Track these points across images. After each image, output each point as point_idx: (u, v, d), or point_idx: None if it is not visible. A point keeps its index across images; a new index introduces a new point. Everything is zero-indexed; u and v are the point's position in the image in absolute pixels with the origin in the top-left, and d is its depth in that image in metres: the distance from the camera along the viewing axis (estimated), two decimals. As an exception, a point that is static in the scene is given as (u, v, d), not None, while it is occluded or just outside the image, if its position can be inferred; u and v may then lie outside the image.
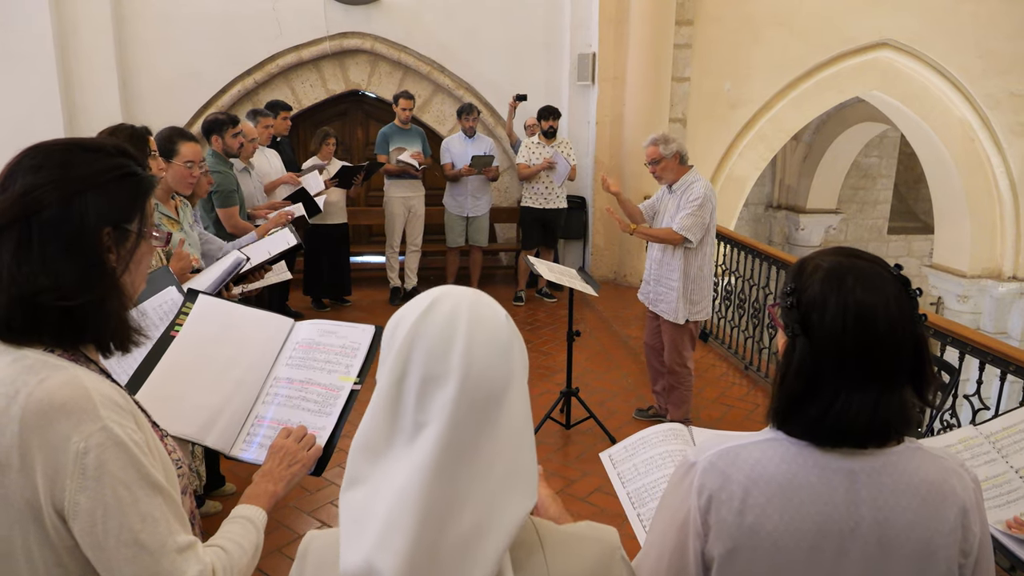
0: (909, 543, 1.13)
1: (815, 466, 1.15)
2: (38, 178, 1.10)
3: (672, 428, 1.98)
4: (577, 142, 7.94)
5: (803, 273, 1.19)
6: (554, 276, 4.38)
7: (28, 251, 1.07)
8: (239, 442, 1.57)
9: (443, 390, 0.84)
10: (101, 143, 1.20)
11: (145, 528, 1.06)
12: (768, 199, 12.38)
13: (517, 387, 0.87)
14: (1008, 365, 3.32)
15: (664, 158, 4.26)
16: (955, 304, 9.41)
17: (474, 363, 0.85)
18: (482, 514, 0.83)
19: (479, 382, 0.84)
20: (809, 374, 1.14)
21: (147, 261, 1.25)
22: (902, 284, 1.16)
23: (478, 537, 0.82)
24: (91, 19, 7.17)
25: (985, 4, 8.36)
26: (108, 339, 1.16)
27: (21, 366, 1.07)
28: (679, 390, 4.48)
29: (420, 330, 0.87)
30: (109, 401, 1.08)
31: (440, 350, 0.85)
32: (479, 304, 0.89)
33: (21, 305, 1.07)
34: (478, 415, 0.84)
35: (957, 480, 1.16)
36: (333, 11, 7.64)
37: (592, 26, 7.74)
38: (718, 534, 1.16)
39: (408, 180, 6.95)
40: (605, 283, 7.76)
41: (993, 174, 8.91)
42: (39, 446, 1.03)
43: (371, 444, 0.87)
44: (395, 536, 0.81)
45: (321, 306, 6.98)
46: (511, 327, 0.89)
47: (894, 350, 1.12)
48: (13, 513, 1.05)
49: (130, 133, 2.79)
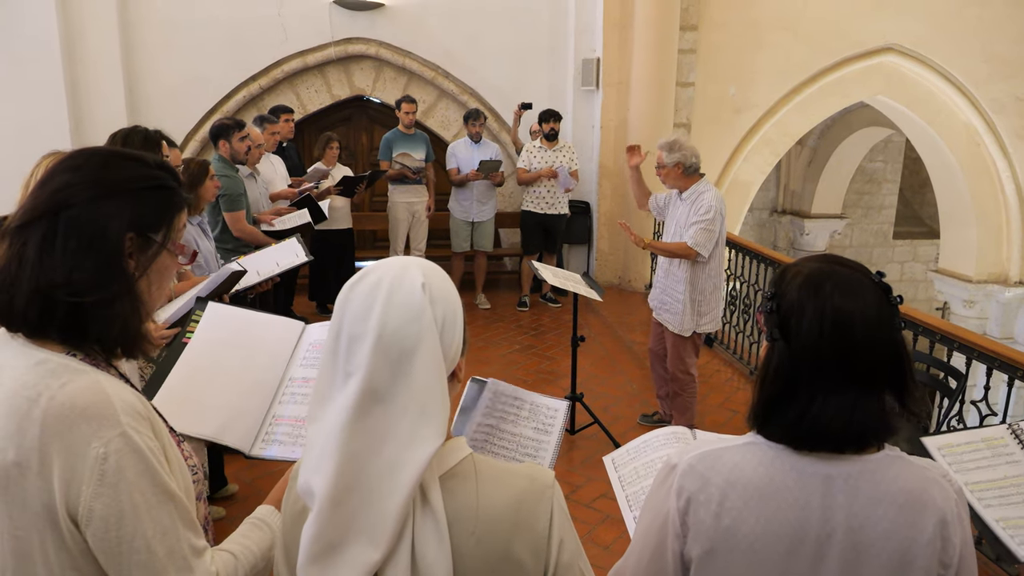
0: (885, 551, 1.13)
1: (792, 470, 1.16)
2: (75, 177, 1.13)
3: (675, 432, 1.97)
4: (581, 147, 7.95)
5: (784, 279, 1.21)
6: (558, 281, 4.37)
7: (52, 245, 1.10)
8: (258, 441, 1.61)
9: (362, 346, 0.99)
10: (142, 155, 1.23)
11: (157, 535, 1.07)
12: (773, 204, 12.36)
13: (427, 346, 0.99)
14: (1015, 370, 3.30)
15: (665, 166, 4.22)
16: (961, 309, 9.38)
17: (387, 324, 0.99)
18: (398, 450, 0.97)
19: (391, 341, 0.98)
20: (787, 378, 1.15)
21: (170, 275, 1.26)
22: (883, 291, 1.17)
23: (394, 469, 0.97)
24: (97, 24, 7.20)
25: (990, 8, 8.35)
26: (113, 341, 1.15)
27: (44, 369, 1.08)
28: (683, 397, 4.46)
29: (350, 296, 1.03)
30: (129, 407, 1.09)
31: (362, 313, 1.00)
32: (401, 277, 1.03)
33: (38, 297, 1.09)
34: (392, 368, 0.98)
35: (938, 490, 1.16)
36: (338, 17, 7.66)
37: (596, 31, 7.75)
38: (696, 536, 1.18)
39: (412, 185, 6.96)
40: (610, 288, 7.75)
41: (999, 178, 8.89)
42: (59, 450, 1.04)
43: (320, 389, 1.03)
44: (325, 462, 0.97)
45: (326, 311, 6.98)
46: (426, 296, 1.01)
47: (871, 356, 1.13)
48: (31, 515, 1.06)
49: (144, 136, 2.80)
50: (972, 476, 1.62)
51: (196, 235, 3.77)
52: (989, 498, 1.58)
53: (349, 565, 0.97)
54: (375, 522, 0.97)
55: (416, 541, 0.98)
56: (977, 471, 1.62)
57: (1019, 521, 1.56)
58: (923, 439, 1.66)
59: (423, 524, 0.99)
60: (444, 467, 1.04)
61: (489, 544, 1.02)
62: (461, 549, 1.00)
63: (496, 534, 1.02)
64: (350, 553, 0.97)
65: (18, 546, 1.08)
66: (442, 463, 1.03)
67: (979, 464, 1.64)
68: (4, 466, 1.05)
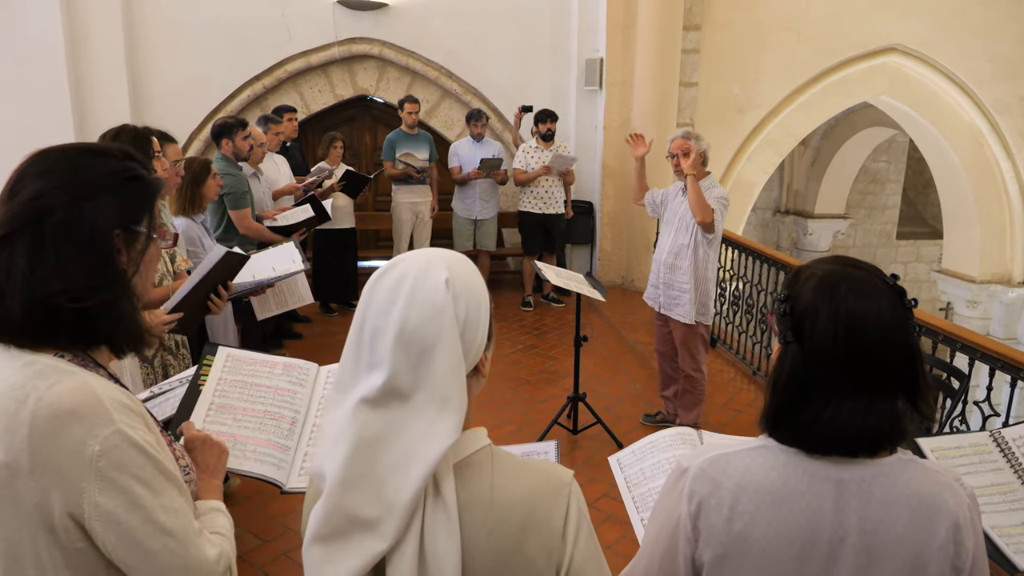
0: (898, 555, 1.13)
1: (804, 474, 1.15)
2: (48, 182, 1.11)
3: (681, 432, 1.97)
4: (584, 147, 7.95)
5: (797, 281, 1.20)
6: (561, 281, 4.37)
7: (41, 254, 1.08)
8: (293, 475, 1.66)
9: (385, 339, 0.99)
10: (107, 148, 1.22)
11: (169, 518, 1.09)
12: (776, 204, 12.35)
13: (447, 343, 0.99)
14: (1018, 371, 3.29)
15: (692, 152, 4.24)
16: (965, 310, 9.36)
17: (409, 319, 0.99)
18: (412, 444, 0.98)
19: (412, 336, 0.99)
20: (800, 382, 1.14)
21: (155, 264, 1.26)
22: (897, 294, 1.16)
23: (408, 461, 0.97)
24: (101, 24, 7.21)
25: (994, 8, 8.33)
26: (121, 340, 1.17)
27: (31, 371, 1.08)
28: (693, 394, 4.47)
29: (375, 288, 1.04)
30: (120, 405, 1.09)
31: (385, 307, 1.01)
32: (426, 271, 1.02)
33: (36, 308, 1.08)
34: (412, 362, 0.99)
35: (951, 495, 1.15)
36: (342, 16, 7.67)
37: (600, 31, 7.74)
38: (707, 540, 1.17)
39: (416, 185, 6.96)
40: (613, 288, 7.75)
41: (1002, 179, 8.87)
42: (51, 451, 1.04)
43: (341, 377, 1.04)
44: (339, 448, 0.99)
45: (329, 311, 6.99)
46: (449, 293, 1.01)
47: (885, 360, 1.12)
48: (22, 517, 1.06)
49: (133, 135, 2.82)
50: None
51: (200, 234, 3.78)
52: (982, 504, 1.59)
53: (354, 552, 0.97)
54: (383, 513, 0.97)
55: (425, 532, 0.98)
56: (967, 476, 1.61)
57: (1010, 529, 1.56)
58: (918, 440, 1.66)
59: (434, 515, 0.98)
60: (460, 456, 1.03)
61: (501, 538, 1.01)
62: (472, 541, 1.00)
63: (509, 528, 1.01)
64: (356, 540, 0.98)
65: (8, 549, 1.07)
66: (458, 451, 1.03)
67: (968, 470, 1.63)
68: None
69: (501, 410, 4.94)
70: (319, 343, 6.14)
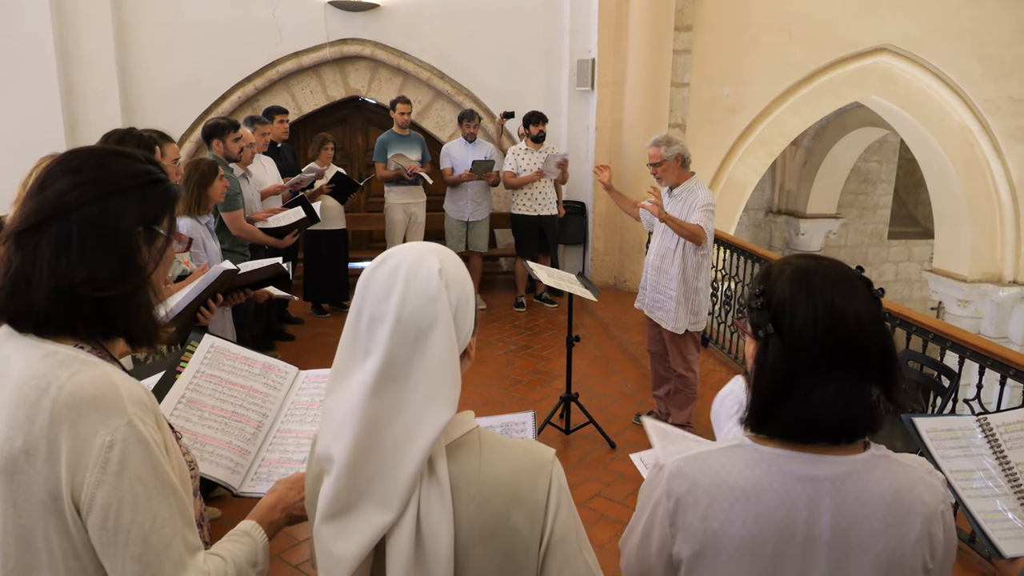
0: (874, 552, 1.14)
1: (779, 472, 1.17)
2: (77, 178, 1.16)
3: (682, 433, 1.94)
4: (576, 148, 7.96)
5: (770, 276, 1.23)
6: (553, 281, 4.38)
7: (67, 245, 1.13)
8: (247, 480, 1.64)
9: (382, 327, 1.06)
10: (131, 152, 1.28)
11: (155, 528, 1.09)
12: (768, 204, 12.38)
13: (442, 326, 1.06)
14: (1008, 369, 3.31)
15: (665, 160, 4.23)
16: (956, 309, 9.40)
17: (406, 305, 1.06)
18: (411, 422, 1.05)
19: (410, 321, 1.06)
20: (783, 372, 1.17)
21: (170, 265, 1.33)
22: (865, 284, 1.20)
23: (408, 438, 1.04)
24: (92, 25, 7.19)
25: (984, 8, 8.37)
26: (138, 332, 1.21)
27: (53, 360, 1.11)
28: (684, 392, 4.48)
29: (371, 278, 1.10)
30: (136, 398, 1.12)
31: (382, 296, 1.07)
32: (420, 261, 1.09)
33: (61, 297, 1.12)
34: (408, 347, 1.05)
35: (925, 488, 1.18)
36: (333, 18, 7.66)
37: (591, 32, 7.76)
38: (685, 537, 1.20)
39: (409, 186, 6.95)
40: (605, 288, 7.76)
41: (993, 179, 8.91)
42: (67, 437, 1.07)
43: (339, 364, 1.10)
44: (344, 431, 1.05)
45: (321, 312, 6.98)
46: (443, 281, 1.08)
47: (863, 344, 1.16)
48: (36, 503, 1.08)
49: (138, 140, 2.83)
50: (955, 464, 1.63)
51: (204, 235, 3.77)
52: (970, 488, 1.60)
53: (362, 526, 1.04)
54: (388, 487, 1.04)
55: (421, 506, 1.05)
56: (958, 459, 1.64)
57: (996, 515, 1.57)
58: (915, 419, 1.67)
59: (428, 491, 1.05)
60: (451, 437, 1.10)
61: (489, 510, 1.08)
62: (462, 514, 1.07)
63: (496, 500, 1.08)
64: (364, 515, 1.05)
65: (22, 534, 1.10)
66: (449, 434, 1.10)
67: (958, 453, 1.65)
68: (12, 454, 1.08)
69: (494, 410, 4.94)
70: (311, 344, 6.13)
